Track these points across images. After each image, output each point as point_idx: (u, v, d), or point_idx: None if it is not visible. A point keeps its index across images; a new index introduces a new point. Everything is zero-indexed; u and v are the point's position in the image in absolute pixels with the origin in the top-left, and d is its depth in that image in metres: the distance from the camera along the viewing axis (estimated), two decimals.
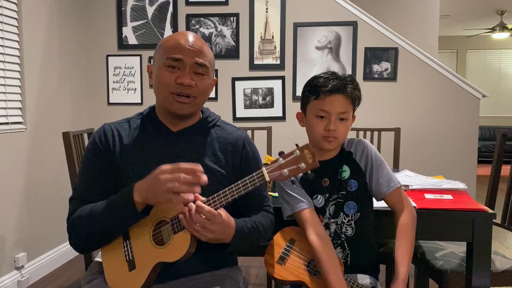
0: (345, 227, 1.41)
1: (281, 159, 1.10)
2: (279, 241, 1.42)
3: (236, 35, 3.27)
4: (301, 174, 1.39)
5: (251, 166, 1.33)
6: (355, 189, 1.42)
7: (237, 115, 3.29)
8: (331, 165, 1.44)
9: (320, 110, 1.38)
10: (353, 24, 3.17)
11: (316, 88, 1.40)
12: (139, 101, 3.32)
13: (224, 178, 1.28)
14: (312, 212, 1.38)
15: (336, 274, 1.29)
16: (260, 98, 3.28)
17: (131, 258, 1.20)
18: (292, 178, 1.14)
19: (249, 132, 2.64)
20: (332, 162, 1.45)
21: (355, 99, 1.40)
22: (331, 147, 1.41)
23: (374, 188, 1.43)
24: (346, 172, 1.43)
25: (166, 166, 1.09)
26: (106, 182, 1.26)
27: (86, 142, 2.05)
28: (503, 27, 7.44)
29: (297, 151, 1.10)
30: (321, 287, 1.32)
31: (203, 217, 1.09)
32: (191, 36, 1.26)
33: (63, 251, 3.03)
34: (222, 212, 1.14)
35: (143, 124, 1.32)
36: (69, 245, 1.26)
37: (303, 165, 1.09)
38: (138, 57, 3.34)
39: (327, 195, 1.42)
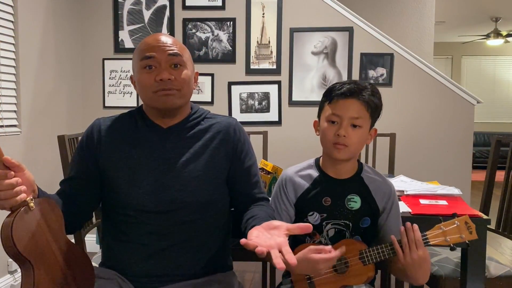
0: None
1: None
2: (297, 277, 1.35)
3: (232, 40, 3.28)
4: (302, 191, 1.39)
5: (244, 150, 1.34)
6: (367, 225, 1.37)
7: None
8: (339, 187, 1.37)
9: (332, 114, 1.30)
10: (349, 30, 3.19)
11: (330, 93, 1.33)
12: (135, 105, 3.32)
13: (216, 168, 1.29)
14: None
15: None
16: (256, 103, 3.28)
17: None
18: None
19: None
20: (342, 184, 1.37)
21: (371, 106, 1.30)
22: (341, 156, 1.31)
23: (383, 228, 1.38)
24: (356, 203, 1.35)
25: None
26: (84, 175, 1.29)
27: None
28: (497, 34, 7.50)
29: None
30: (355, 275, 1.29)
31: None
32: (160, 35, 1.27)
33: None
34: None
35: (134, 120, 1.33)
36: None
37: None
38: None
39: (325, 215, 1.36)
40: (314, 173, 1.40)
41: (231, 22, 3.27)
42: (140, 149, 1.27)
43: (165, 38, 1.26)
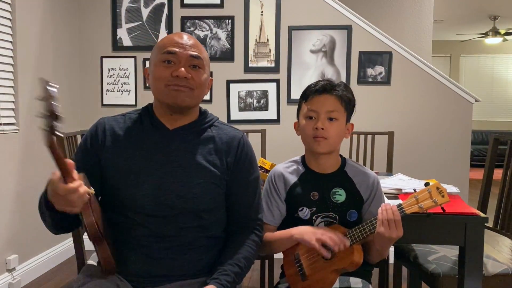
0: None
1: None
2: (288, 266, 1.40)
3: (231, 38, 3.27)
4: (290, 185, 1.43)
5: (244, 166, 1.33)
6: (355, 219, 1.40)
7: (232, 118, 3.29)
8: (324, 181, 1.42)
9: (309, 110, 1.38)
10: (348, 28, 3.19)
11: (305, 92, 1.42)
12: (133, 103, 3.31)
13: (217, 178, 1.28)
14: (271, 229, 1.42)
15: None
16: (255, 101, 3.28)
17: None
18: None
19: None
20: (327, 178, 1.42)
21: (345, 100, 1.38)
22: (321, 149, 1.38)
23: (365, 216, 1.42)
24: (341, 196, 1.40)
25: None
26: (86, 174, 1.26)
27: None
28: (495, 32, 7.51)
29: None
30: (341, 258, 1.31)
31: None
32: (184, 34, 1.29)
33: (55, 254, 3.01)
34: None
35: (140, 119, 1.32)
36: (61, 248, 1.26)
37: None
38: (133, 59, 3.34)
39: (314, 209, 1.40)
40: (300, 168, 1.46)
41: (230, 20, 3.26)
42: (143, 150, 1.26)
43: (190, 38, 1.28)
